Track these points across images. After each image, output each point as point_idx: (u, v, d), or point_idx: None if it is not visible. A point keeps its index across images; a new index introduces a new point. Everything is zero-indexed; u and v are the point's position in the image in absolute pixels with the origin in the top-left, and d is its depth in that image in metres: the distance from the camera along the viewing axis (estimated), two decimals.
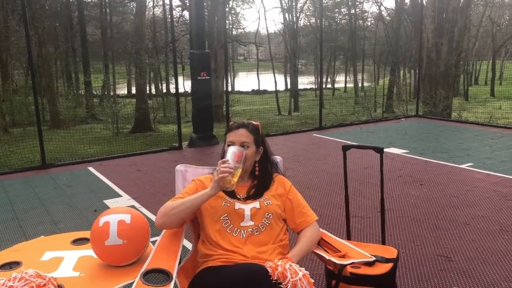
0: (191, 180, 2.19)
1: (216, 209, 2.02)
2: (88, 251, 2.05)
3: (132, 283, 1.70)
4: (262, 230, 2.01)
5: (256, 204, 2.05)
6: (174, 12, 23.50)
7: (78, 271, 1.91)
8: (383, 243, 2.65)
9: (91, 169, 6.24)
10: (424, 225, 3.88)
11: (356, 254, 2.00)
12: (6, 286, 1.65)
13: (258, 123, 2.18)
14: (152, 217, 4.14)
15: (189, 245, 3.02)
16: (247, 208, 2.03)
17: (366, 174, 5.51)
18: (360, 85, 28.10)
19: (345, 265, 1.92)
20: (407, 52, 22.87)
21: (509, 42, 28.63)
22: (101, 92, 20.56)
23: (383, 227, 2.67)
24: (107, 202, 4.76)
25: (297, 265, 1.73)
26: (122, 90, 27.40)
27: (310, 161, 6.32)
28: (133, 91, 20.46)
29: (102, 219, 1.94)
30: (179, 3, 22.05)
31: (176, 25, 23.26)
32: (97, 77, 20.52)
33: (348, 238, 2.84)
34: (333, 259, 1.93)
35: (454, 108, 13.76)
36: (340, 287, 2.18)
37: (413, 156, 6.40)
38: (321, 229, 2.18)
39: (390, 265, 2.26)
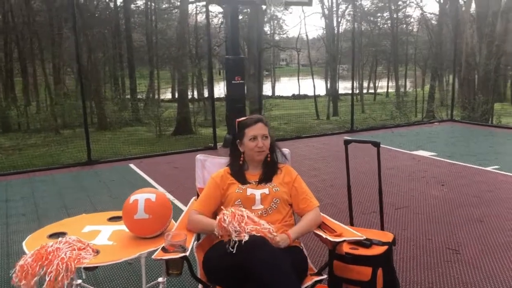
0: (208, 168, 2.55)
1: (231, 195, 2.38)
2: (121, 226, 2.42)
3: (154, 251, 2.07)
4: (270, 212, 2.35)
5: (265, 190, 2.39)
6: (216, 19, 24.19)
7: (112, 240, 2.30)
8: (382, 229, 2.90)
9: (132, 165, 6.73)
10: (438, 222, 4.07)
11: (349, 233, 2.29)
12: (54, 247, 2.05)
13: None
14: (184, 208, 4.50)
15: None
16: (258, 193, 2.38)
17: (390, 174, 5.70)
18: (402, 90, 27.79)
19: (338, 242, 2.21)
20: (450, 57, 22.47)
21: None
22: (146, 96, 21.41)
23: (381, 215, 2.93)
24: None
25: (247, 211, 2.13)
26: (167, 95, 28.32)
27: (337, 162, 6.56)
28: (177, 95, 21.18)
29: (132, 197, 2.33)
30: (221, 10, 22.67)
31: (218, 31, 23.93)
32: (140, 83, 21.37)
33: (351, 224, 3.11)
34: (328, 238, 2.23)
35: (495, 113, 13.54)
36: (338, 265, 2.48)
37: (440, 159, 6.51)
38: (323, 214, 2.49)
39: (385, 247, 2.52)
